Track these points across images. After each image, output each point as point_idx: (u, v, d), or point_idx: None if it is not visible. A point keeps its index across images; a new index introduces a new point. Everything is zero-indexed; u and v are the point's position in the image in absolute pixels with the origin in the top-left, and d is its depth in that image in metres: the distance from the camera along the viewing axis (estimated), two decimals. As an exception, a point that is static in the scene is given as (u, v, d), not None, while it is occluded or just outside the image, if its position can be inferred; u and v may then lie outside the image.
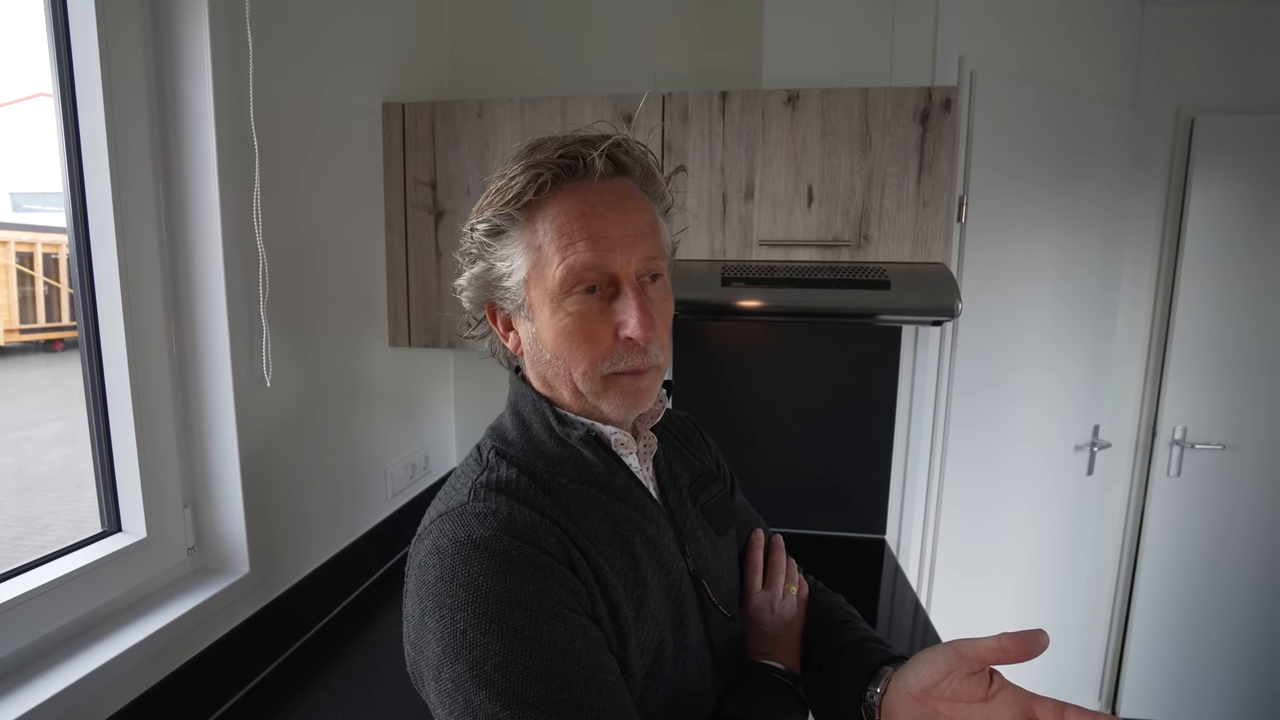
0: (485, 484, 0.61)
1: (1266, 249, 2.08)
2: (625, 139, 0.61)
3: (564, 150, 0.58)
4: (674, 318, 0.72)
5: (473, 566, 0.53)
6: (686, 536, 0.70)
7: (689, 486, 0.76)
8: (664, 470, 0.74)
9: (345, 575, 1.45)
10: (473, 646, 0.50)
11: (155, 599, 1.03)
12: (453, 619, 0.51)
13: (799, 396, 1.84)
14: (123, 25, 0.95)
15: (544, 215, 0.59)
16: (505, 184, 0.60)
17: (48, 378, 1.63)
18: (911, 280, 1.38)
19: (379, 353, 1.59)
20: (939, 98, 1.40)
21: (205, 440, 1.11)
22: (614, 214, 0.59)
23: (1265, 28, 2.01)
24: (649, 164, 0.63)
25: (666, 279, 0.65)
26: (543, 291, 0.60)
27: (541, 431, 0.65)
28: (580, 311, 0.59)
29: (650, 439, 0.72)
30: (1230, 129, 2.04)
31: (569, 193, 0.59)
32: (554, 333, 0.61)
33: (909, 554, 1.88)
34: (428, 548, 0.57)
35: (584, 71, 1.83)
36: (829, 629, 0.77)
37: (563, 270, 0.58)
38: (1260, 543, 2.18)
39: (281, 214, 1.21)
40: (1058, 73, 1.92)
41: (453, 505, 0.60)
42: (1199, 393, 2.16)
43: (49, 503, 1.58)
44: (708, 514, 0.76)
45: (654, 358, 0.61)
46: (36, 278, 1.52)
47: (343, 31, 1.38)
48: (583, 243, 0.58)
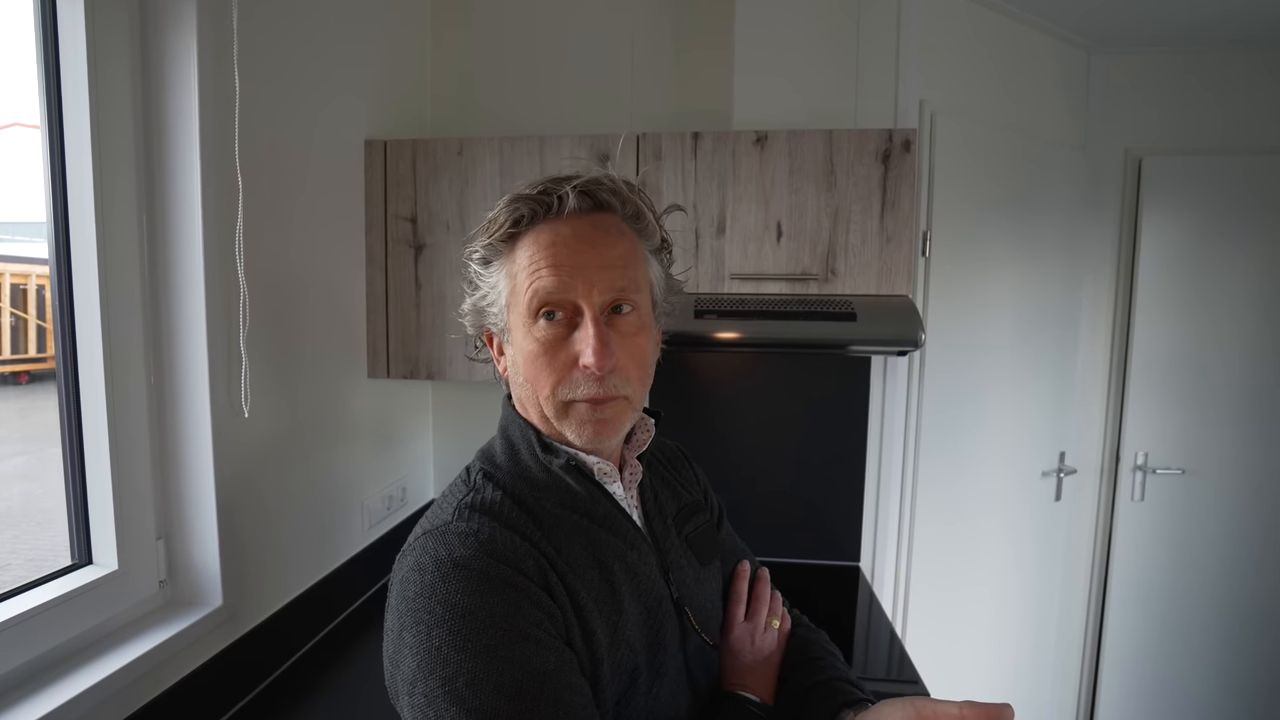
0: (470, 505, 0.63)
1: (1214, 280, 2.19)
2: (607, 177, 0.65)
3: (541, 187, 0.63)
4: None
5: (451, 584, 0.55)
6: (670, 564, 0.72)
7: (675, 516, 0.78)
8: (649, 498, 0.76)
9: (321, 608, 1.43)
10: (446, 663, 0.51)
11: (125, 632, 1.01)
12: (429, 635, 0.53)
13: (772, 426, 1.87)
14: (112, 60, 0.98)
15: (522, 245, 0.64)
16: (494, 216, 0.65)
17: (11, 411, 1.60)
18: (876, 312, 1.43)
19: (358, 384, 1.60)
20: (899, 139, 1.48)
21: (181, 471, 1.11)
22: (581, 245, 0.62)
23: (1202, 75, 2.15)
24: (636, 202, 0.66)
25: (643, 314, 0.66)
26: (518, 316, 0.64)
27: (527, 457, 0.67)
28: (544, 338, 0.62)
29: (636, 467, 0.74)
30: (1175, 169, 2.16)
31: (545, 226, 0.64)
32: (523, 356, 0.64)
33: (883, 581, 1.90)
34: (409, 564, 0.59)
35: (562, 112, 1.89)
36: (802, 665, 0.78)
37: (529, 294, 0.62)
38: (1223, 564, 2.24)
39: (264, 247, 1.23)
40: (1012, 115, 2.03)
41: (437, 524, 0.62)
42: (1158, 419, 2.24)
43: (6, 541, 1.54)
44: (692, 543, 0.77)
45: (613, 388, 0.63)
46: (3, 309, 1.51)
47: (327, 71, 1.43)
48: (546, 269, 0.61)
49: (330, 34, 1.42)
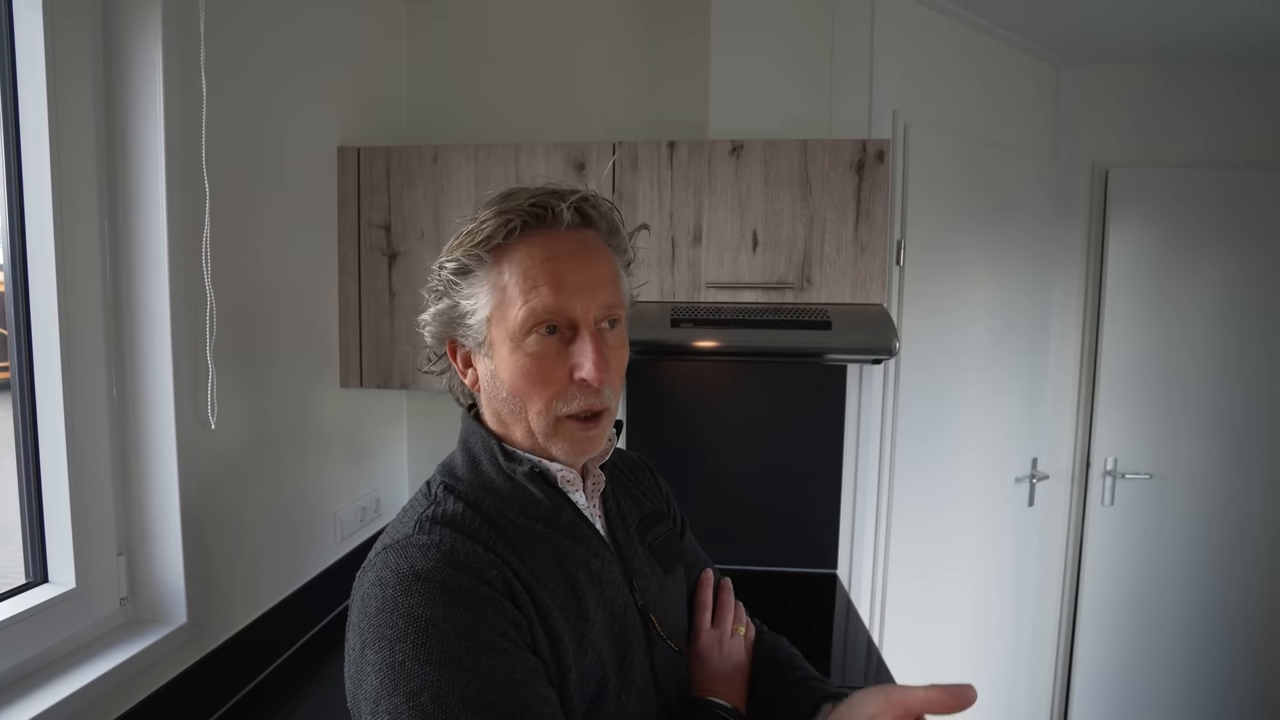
0: (431, 517, 0.62)
1: (1179, 289, 2.24)
2: (594, 195, 0.65)
3: (535, 199, 0.62)
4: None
5: (414, 597, 0.54)
6: (634, 572, 0.72)
7: (637, 525, 0.78)
8: (612, 507, 0.76)
9: (290, 623, 1.40)
10: (410, 678, 0.50)
11: (83, 653, 0.98)
12: (392, 650, 0.52)
13: (748, 435, 1.88)
14: (72, 62, 0.96)
15: (511, 259, 0.62)
16: (476, 227, 0.63)
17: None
18: (851, 320, 1.44)
19: (330, 394, 1.57)
20: (873, 149, 1.49)
21: (144, 485, 1.08)
22: (576, 262, 0.62)
23: (1167, 91, 2.21)
24: (614, 220, 0.68)
25: (623, 327, 0.68)
26: (504, 331, 0.63)
27: (490, 467, 0.67)
28: (538, 352, 0.62)
29: (598, 477, 0.74)
30: (1140, 180, 2.21)
31: (536, 239, 0.63)
32: (512, 371, 0.63)
33: (860, 587, 1.91)
34: (370, 579, 0.58)
35: (537, 120, 1.88)
36: (773, 668, 0.78)
37: (525, 312, 0.61)
38: (1190, 566, 2.28)
39: (232, 254, 1.21)
40: (984, 127, 2.07)
41: (397, 538, 0.61)
42: (1126, 425, 2.28)
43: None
44: (655, 551, 0.77)
45: (606, 400, 0.64)
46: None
47: (299, 77, 1.41)
48: (545, 287, 0.61)
49: (303, 40, 1.41)
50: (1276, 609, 2.27)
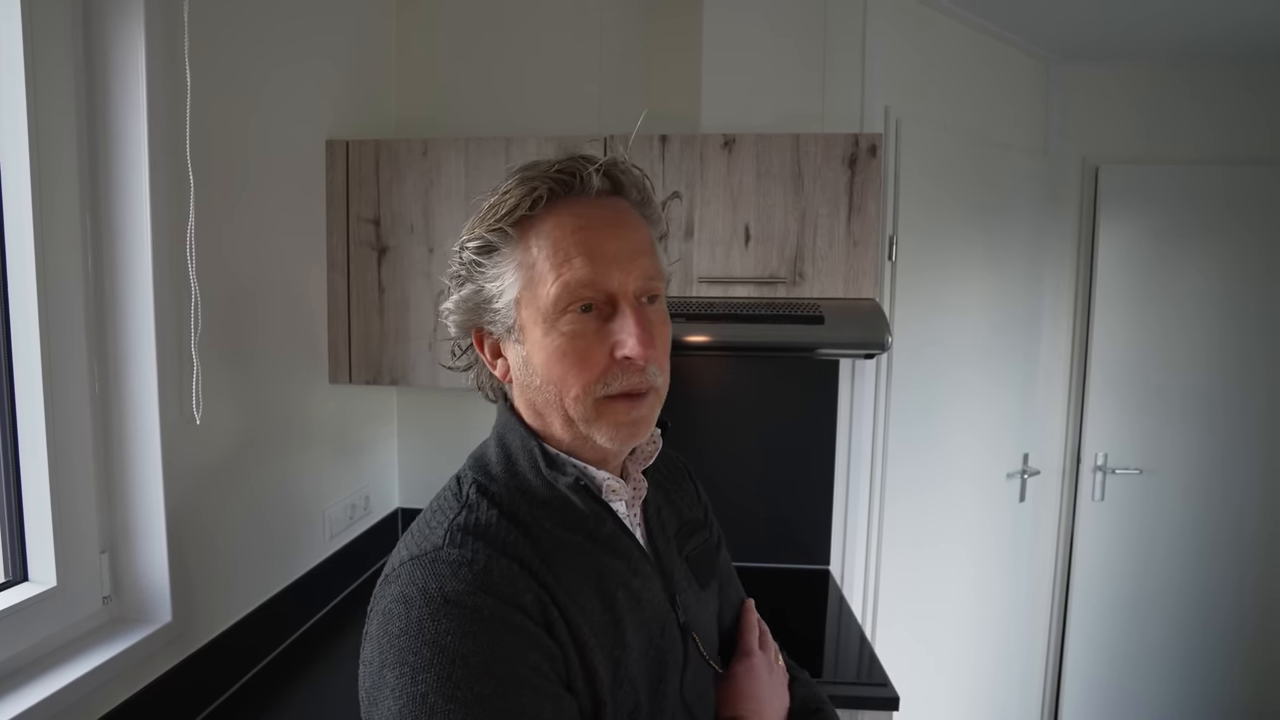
0: (463, 527, 0.57)
1: (1168, 284, 2.26)
2: (624, 160, 0.60)
3: (561, 165, 0.57)
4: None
5: (441, 624, 0.50)
6: (676, 588, 0.67)
7: (676, 534, 0.73)
8: (653, 515, 0.71)
9: (278, 622, 1.39)
10: (433, 713, 0.47)
11: (65, 652, 0.96)
12: (414, 679, 0.49)
13: (740, 429, 1.87)
14: (51, 50, 0.93)
15: (539, 231, 0.57)
16: (499, 199, 0.58)
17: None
18: (844, 315, 1.44)
19: (319, 390, 1.55)
20: (865, 144, 1.49)
21: (127, 481, 1.06)
22: (611, 230, 0.58)
23: (1156, 88, 2.23)
24: (645, 188, 0.62)
25: (664, 303, 0.63)
26: (535, 311, 0.58)
27: (528, 470, 0.62)
28: (574, 331, 0.57)
29: (641, 483, 0.69)
30: (1129, 177, 2.23)
31: (564, 208, 0.57)
32: (546, 355, 0.58)
33: (852, 584, 1.91)
34: (394, 594, 0.53)
35: (529, 113, 1.87)
36: (807, 715, 0.75)
37: (558, 288, 0.56)
38: (1180, 559, 2.30)
39: (219, 247, 1.19)
40: (975, 122, 2.07)
41: (426, 549, 0.56)
42: (1117, 420, 2.30)
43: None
44: (692, 564, 0.72)
45: (653, 378, 0.59)
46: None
47: (287, 69, 1.39)
48: (579, 259, 0.56)
49: (290, 28, 1.39)
50: (1269, 605, 2.29)
